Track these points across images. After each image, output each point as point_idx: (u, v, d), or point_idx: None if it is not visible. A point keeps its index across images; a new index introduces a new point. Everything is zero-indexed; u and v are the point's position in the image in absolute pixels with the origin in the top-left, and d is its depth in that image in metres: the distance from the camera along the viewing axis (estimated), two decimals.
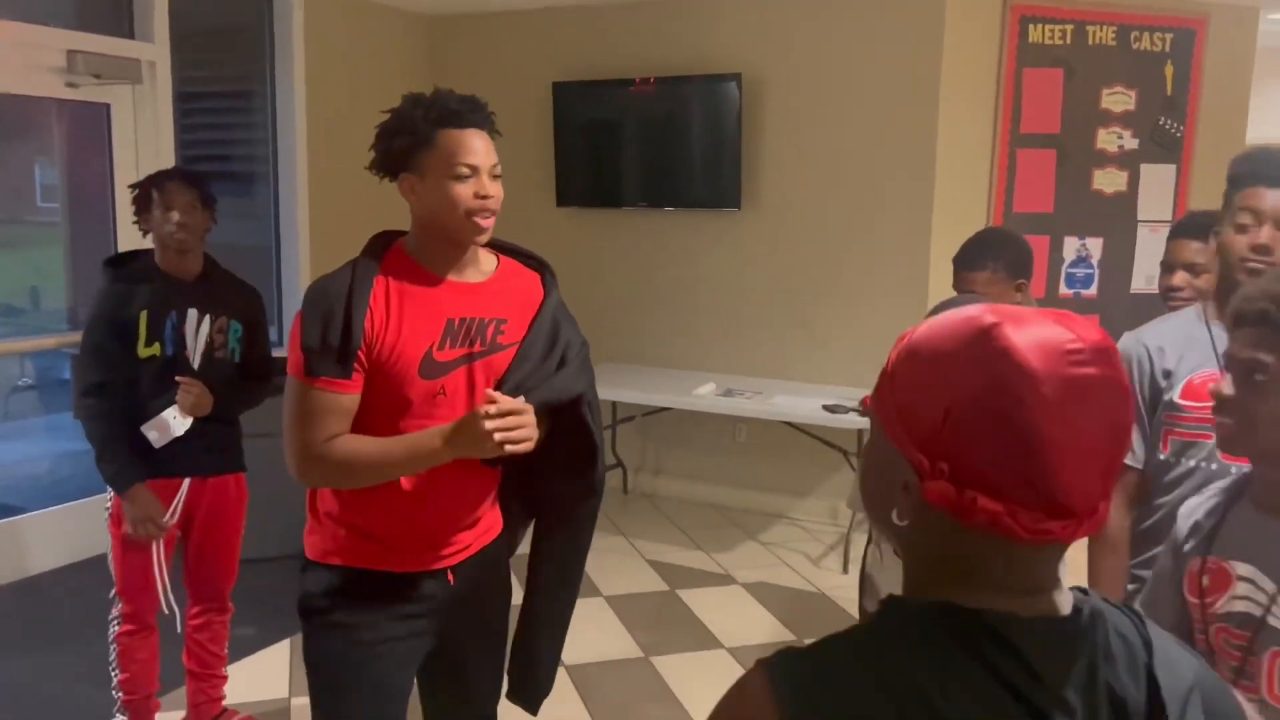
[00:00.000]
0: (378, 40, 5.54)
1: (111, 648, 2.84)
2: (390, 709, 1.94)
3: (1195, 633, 1.46)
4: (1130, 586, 1.93)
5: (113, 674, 2.86)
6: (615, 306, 5.58)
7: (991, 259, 2.54)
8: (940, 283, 4.56)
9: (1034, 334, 0.72)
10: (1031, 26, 4.75)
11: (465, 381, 1.85)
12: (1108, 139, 4.89)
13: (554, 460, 1.93)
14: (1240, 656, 1.39)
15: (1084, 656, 0.73)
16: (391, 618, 1.89)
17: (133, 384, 2.72)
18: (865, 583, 1.97)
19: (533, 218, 5.72)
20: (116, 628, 2.83)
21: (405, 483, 1.83)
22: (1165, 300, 2.47)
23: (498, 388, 1.82)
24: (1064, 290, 4.95)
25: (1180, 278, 2.44)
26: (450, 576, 1.94)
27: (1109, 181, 4.92)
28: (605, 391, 5.08)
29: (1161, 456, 1.94)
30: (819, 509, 5.18)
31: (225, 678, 3.05)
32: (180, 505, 2.79)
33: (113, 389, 2.70)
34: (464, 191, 1.78)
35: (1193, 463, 1.91)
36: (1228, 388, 1.40)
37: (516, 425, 1.70)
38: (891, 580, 1.89)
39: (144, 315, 2.71)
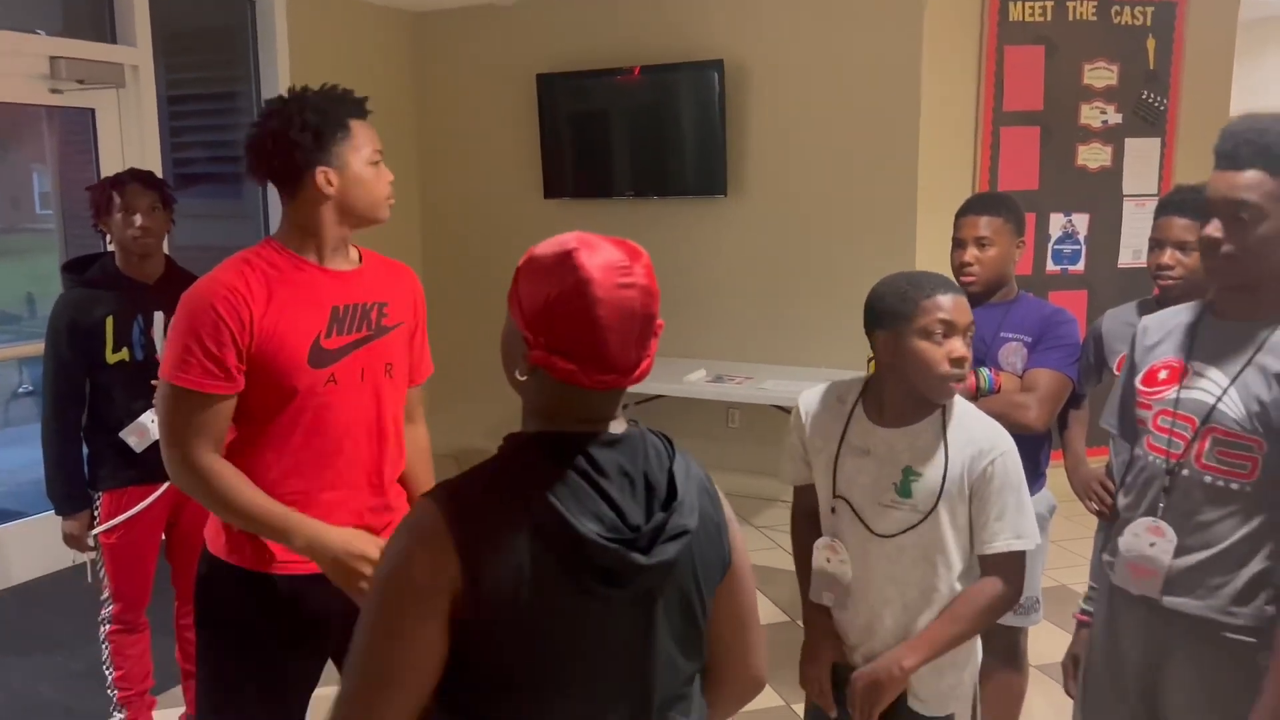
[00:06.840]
0: (361, 38, 5.56)
1: (104, 647, 2.88)
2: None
3: (1135, 413, 1.88)
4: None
5: (107, 673, 2.89)
6: None
7: (1005, 210, 2.60)
8: (925, 262, 4.58)
9: (599, 256, 1.11)
10: (1011, 4, 4.74)
11: (356, 367, 1.88)
12: (1091, 114, 4.89)
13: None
14: (1186, 439, 1.73)
15: (627, 456, 1.15)
16: (296, 630, 1.87)
17: (105, 390, 2.74)
18: (821, 578, 1.98)
19: (521, 210, 5.75)
20: (107, 627, 2.86)
21: (309, 461, 1.83)
22: (1154, 278, 2.43)
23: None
24: (1051, 267, 4.96)
25: (1170, 256, 2.39)
26: None
27: (1093, 157, 4.93)
28: None
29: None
30: None
31: None
32: (153, 507, 2.79)
33: (71, 400, 2.74)
34: (383, 177, 1.90)
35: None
36: (1215, 230, 1.64)
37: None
38: (848, 572, 1.91)
39: (109, 321, 2.71)
